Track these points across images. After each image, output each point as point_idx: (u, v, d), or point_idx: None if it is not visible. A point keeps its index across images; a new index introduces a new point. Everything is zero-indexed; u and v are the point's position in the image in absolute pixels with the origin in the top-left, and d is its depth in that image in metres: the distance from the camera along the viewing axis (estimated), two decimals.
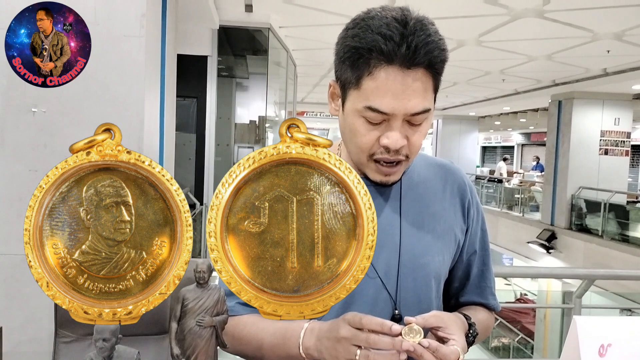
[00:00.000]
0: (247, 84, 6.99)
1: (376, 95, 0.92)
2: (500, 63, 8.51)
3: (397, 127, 0.94)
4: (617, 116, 10.01)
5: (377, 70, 0.91)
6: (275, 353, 1.00)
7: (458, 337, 0.91)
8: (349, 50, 0.93)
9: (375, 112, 0.93)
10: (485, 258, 1.18)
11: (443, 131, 16.58)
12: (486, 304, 1.18)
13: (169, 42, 3.23)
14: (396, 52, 0.89)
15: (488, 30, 6.36)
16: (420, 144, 1.00)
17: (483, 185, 14.27)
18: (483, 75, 9.70)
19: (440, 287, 1.11)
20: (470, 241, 1.15)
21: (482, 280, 1.18)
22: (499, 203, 12.86)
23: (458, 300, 1.19)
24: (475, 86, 11.15)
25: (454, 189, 1.14)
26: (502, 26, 6.11)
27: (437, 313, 0.93)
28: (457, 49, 7.39)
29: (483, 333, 1.13)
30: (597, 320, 0.86)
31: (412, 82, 0.91)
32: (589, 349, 0.84)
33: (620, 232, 8.92)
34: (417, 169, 1.12)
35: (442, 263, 1.09)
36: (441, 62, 0.94)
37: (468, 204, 1.14)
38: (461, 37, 6.85)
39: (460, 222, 1.13)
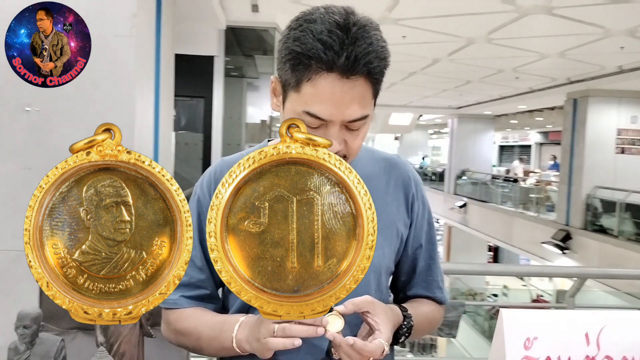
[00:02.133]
0: (258, 84, 7.02)
1: (315, 102, 0.92)
2: (512, 61, 8.41)
3: (335, 132, 0.95)
4: (634, 114, 9.86)
5: (316, 77, 0.91)
6: (211, 345, 1.03)
7: (384, 327, 0.93)
8: (290, 53, 0.93)
9: (313, 117, 0.93)
10: (432, 252, 1.19)
11: (458, 130, 16.43)
12: (433, 297, 1.19)
13: (164, 42, 3.25)
14: (335, 61, 0.89)
15: (497, 27, 6.28)
16: (358, 147, 1.01)
17: (498, 185, 14.13)
18: (496, 73, 9.61)
19: (381, 281, 1.12)
20: (415, 235, 1.16)
21: (429, 274, 1.19)
22: (514, 203, 12.74)
23: (406, 294, 1.20)
24: (488, 84, 11.05)
25: (398, 183, 1.14)
26: (511, 23, 6.02)
27: (368, 298, 0.95)
28: (466, 47, 7.32)
29: (427, 325, 1.16)
30: (523, 312, 0.85)
31: (350, 90, 0.91)
32: (514, 342, 0.83)
33: (636, 232, 8.78)
34: (362, 164, 1.12)
35: (382, 257, 1.09)
36: (380, 71, 0.94)
37: (412, 198, 1.15)
38: (470, 35, 6.78)
39: (403, 216, 1.13)
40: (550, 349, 0.85)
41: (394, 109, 16.40)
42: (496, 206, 13.27)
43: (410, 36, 6.81)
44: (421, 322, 1.12)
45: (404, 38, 6.92)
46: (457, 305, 2.94)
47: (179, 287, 0.97)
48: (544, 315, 0.87)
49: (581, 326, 0.86)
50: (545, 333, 0.85)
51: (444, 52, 7.96)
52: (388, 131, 20.58)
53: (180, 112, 5.92)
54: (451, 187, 16.19)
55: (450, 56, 8.19)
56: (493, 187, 14.00)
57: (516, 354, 0.84)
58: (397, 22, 6.11)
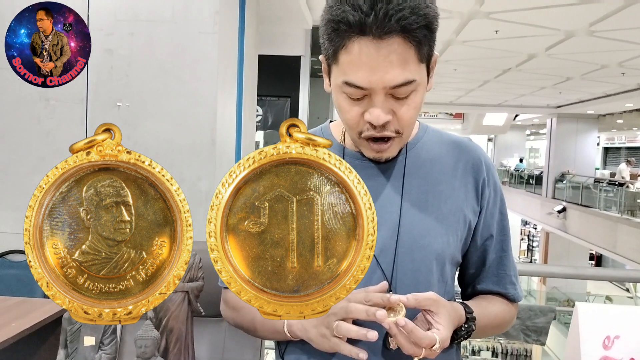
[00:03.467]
0: None
1: (351, 70, 0.88)
2: (617, 55, 7.80)
3: (379, 101, 0.90)
4: None
5: (350, 43, 0.87)
6: (265, 328, 1.01)
7: (443, 327, 0.89)
8: (325, 23, 0.90)
9: (353, 87, 0.89)
10: (504, 244, 1.11)
11: (557, 131, 15.59)
12: (504, 293, 1.12)
13: (248, 41, 3.31)
14: (365, 22, 0.84)
15: (600, 18, 5.83)
16: (410, 118, 0.94)
17: (601, 189, 13.17)
18: (599, 68, 8.97)
19: (446, 271, 1.05)
20: (486, 224, 1.09)
21: (500, 268, 1.11)
22: (619, 208, 11.81)
23: (475, 288, 1.13)
24: (591, 81, 10.33)
25: (467, 167, 1.08)
26: (615, 13, 5.58)
27: (432, 296, 0.91)
28: (565, 41, 6.87)
29: (495, 325, 1.09)
30: (603, 307, 0.75)
31: (387, 52, 0.86)
32: (592, 340, 0.73)
33: None
34: (428, 146, 1.08)
35: (446, 245, 1.03)
36: (420, 27, 0.86)
37: (483, 184, 1.07)
38: (569, 28, 6.35)
39: (472, 203, 1.07)
40: (634, 350, 0.76)
41: (487, 108, 15.83)
42: (599, 211, 12.40)
43: (503, 30, 6.50)
44: (488, 322, 1.05)
45: (496, 33, 6.63)
46: (546, 310, 2.79)
47: None
48: (629, 311, 0.78)
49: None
50: (630, 332, 0.77)
51: (540, 46, 7.52)
52: (482, 132, 19.88)
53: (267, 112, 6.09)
54: (549, 191, 15.35)
55: (547, 51, 7.73)
56: (596, 191, 13.07)
57: (594, 353, 0.76)
58: (488, 16, 5.86)
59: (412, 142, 1.08)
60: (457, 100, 14.89)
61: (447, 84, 11.48)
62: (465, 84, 11.45)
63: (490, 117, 17.11)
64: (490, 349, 7.04)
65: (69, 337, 1.28)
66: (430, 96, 14.27)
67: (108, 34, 2.72)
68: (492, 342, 7.03)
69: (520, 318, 2.77)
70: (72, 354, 1.27)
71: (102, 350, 1.26)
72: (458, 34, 6.80)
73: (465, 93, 13.08)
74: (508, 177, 19.24)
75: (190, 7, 2.72)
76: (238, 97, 3.22)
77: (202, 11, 2.72)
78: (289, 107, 6.02)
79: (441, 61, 8.86)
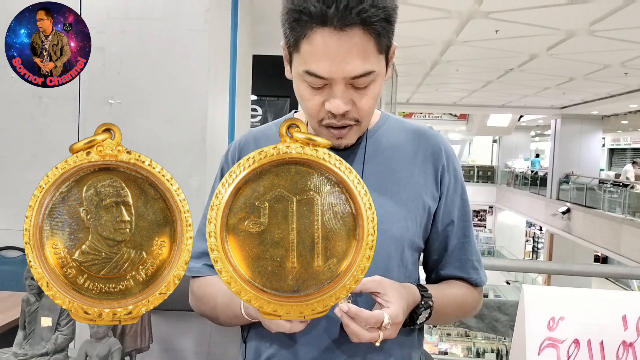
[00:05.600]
0: None
1: (313, 59, 0.89)
2: (619, 54, 7.71)
3: (340, 91, 0.91)
4: None
5: (311, 33, 0.88)
6: (225, 313, 1.03)
7: (392, 303, 0.90)
8: (287, 12, 0.90)
9: (314, 76, 0.90)
10: (466, 230, 1.12)
11: (562, 131, 15.49)
12: (467, 278, 1.12)
13: (241, 40, 3.31)
14: (326, 13, 0.85)
15: (600, 17, 5.77)
16: (369, 107, 0.96)
17: (606, 190, 13.11)
18: (601, 69, 8.89)
19: (405, 256, 1.06)
20: (446, 210, 1.10)
21: (463, 253, 1.12)
22: (623, 209, 11.75)
23: (438, 274, 1.14)
24: (594, 81, 10.25)
25: (427, 154, 1.09)
26: (616, 12, 5.53)
27: (376, 278, 0.92)
28: (567, 40, 6.81)
29: (457, 308, 1.10)
30: (548, 289, 0.75)
31: (347, 43, 0.87)
32: (537, 322, 0.73)
33: None
34: (388, 133, 1.09)
35: (405, 230, 1.04)
36: (379, 20, 0.88)
37: (442, 170, 1.09)
38: (570, 27, 6.27)
39: (431, 189, 1.08)
40: (578, 331, 0.77)
41: (491, 109, 15.77)
42: (604, 212, 12.34)
43: (503, 30, 6.46)
44: (447, 303, 1.06)
45: (497, 33, 6.60)
46: None
47: (201, 256, 1.04)
48: (573, 293, 0.80)
49: (618, 308, 0.77)
50: (573, 313, 0.78)
51: (542, 46, 7.47)
52: (486, 133, 19.81)
53: (267, 112, 6.11)
54: (554, 192, 15.29)
55: (549, 51, 7.67)
56: (600, 192, 13.01)
57: (538, 335, 0.76)
58: (488, 16, 5.82)
59: (372, 129, 1.10)
60: (461, 101, 14.85)
61: (450, 84, 11.45)
62: (468, 84, 11.42)
63: (494, 118, 17.05)
64: (494, 350, 7.01)
65: (27, 318, 1.30)
66: (433, 97, 14.23)
67: (100, 32, 2.73)
68: (497, 344, 7.00)
69: None
70: (30, 335, 1.28)
71: (59, 331, 1.28)
72: (458, 34, 6.78)
73: (469, 94, 13.05)
74: (512, 178, 19.17)
75: (181, 5, 2.73)
76: (231, 95, 3.23)
77: (192, 9, 2.73)
78: (288, 107, 6.04)
79: (443, 62, 8.83)
